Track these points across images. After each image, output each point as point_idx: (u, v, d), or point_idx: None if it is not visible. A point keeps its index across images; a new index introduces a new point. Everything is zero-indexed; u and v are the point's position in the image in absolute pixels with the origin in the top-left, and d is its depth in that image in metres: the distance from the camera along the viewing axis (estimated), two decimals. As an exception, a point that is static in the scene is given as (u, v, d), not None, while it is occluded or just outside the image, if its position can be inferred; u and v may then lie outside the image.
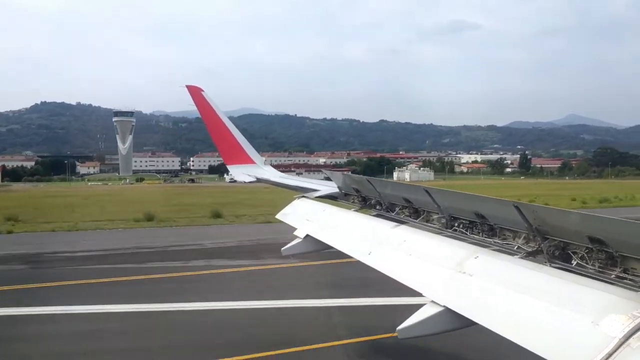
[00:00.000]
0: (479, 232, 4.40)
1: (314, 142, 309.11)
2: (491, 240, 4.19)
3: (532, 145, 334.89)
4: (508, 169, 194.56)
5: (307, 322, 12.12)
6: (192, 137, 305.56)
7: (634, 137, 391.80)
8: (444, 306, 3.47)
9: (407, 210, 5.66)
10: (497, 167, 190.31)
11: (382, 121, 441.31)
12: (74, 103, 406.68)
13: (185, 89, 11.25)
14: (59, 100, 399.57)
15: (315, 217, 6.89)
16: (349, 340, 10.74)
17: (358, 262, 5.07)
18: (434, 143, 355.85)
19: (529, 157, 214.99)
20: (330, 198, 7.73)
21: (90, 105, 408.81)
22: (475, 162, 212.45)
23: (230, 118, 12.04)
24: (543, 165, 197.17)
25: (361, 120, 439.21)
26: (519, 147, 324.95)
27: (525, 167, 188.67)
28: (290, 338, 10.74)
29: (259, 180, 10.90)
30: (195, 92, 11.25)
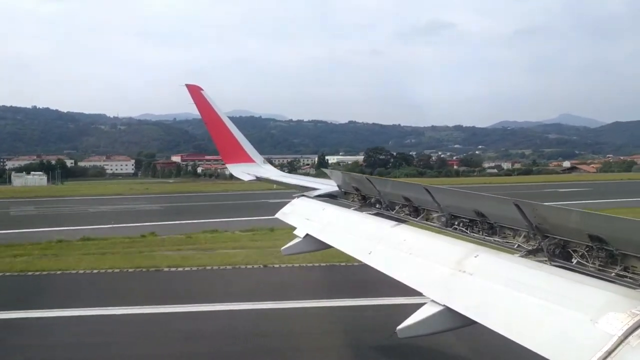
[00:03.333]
0: (479, 231, 4.39)
1: (264, 145, 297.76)
2: (491, 238, 4.18)
3: (495, 144, 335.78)
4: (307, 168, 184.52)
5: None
6: (127, 139, 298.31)
7: (603, 136, 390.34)
8: (444, 305, 3.45)
9: (407, 208, 5.64)
10: (290, 167, 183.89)
11: (350, 122, 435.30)
12: (29, 106, 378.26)
13: (185, 88, 11.27)
14: (9, 105, 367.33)
15: (315, 217, 6.87)
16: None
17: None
18: (396, 143, 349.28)
19: (325, 157, 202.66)
20: (330, 197, 7.72)
21: (47, 108, 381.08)
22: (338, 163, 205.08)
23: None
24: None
25: (329, 122, 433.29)
26: (480, 147, 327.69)
27: (323, 167, 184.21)
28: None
29: (258, 179, 10.91)
30: (194, 91, 11.27)
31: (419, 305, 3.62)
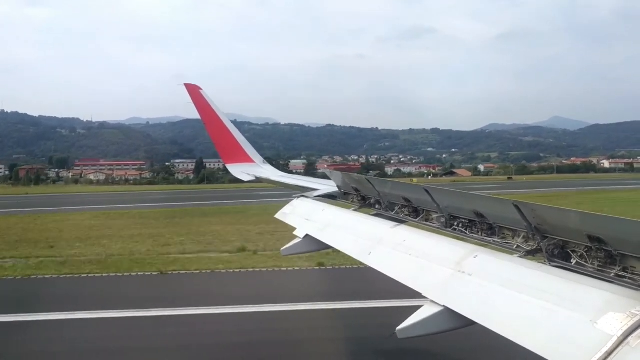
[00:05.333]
0: (478, 231, 4.39)
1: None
2: (490, 239, 4.18)
3: (469, 147, 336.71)
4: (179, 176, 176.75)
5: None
6: (84, 144, 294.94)
7: (581, 139, 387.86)
8: (444, 306, 3.46)
9: (407, 209, 5.63)
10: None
11: (328, 125, 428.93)
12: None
13: (184, 88, 11.22)
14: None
15: (315, 217, 6.87)
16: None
17: None
18: (371, 147, 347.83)
19: (203, 162, 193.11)
20: (329, 197, 7.71)
21: (15, 112, 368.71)
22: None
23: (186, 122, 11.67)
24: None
25: (306, 125, 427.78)
26: (454, 150, 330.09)
27: (198, 171, 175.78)
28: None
29: (258, 179, 10.87)
30: (193, 91, 11.22)
31: (419, 306, 3.62)
